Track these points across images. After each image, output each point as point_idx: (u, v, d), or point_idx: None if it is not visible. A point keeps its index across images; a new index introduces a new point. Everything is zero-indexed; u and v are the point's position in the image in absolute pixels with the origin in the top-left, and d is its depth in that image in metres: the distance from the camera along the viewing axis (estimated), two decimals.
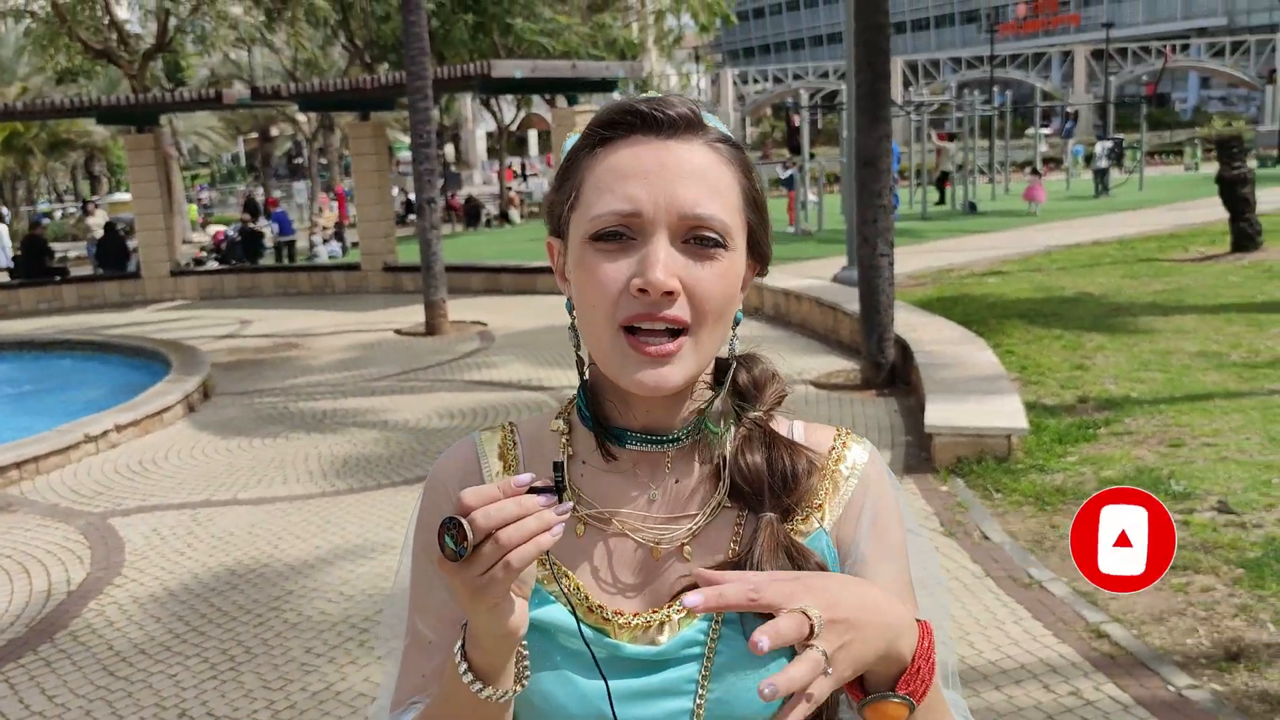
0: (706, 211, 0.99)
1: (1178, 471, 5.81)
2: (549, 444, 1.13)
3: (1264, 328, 9.27)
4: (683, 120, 1.02)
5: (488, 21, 24.95)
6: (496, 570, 0.87)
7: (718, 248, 1.00)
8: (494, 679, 0.96)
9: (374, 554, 5.57)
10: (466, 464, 1.15)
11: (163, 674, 4.36)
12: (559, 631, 1.04)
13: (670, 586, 1.06)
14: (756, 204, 1.06)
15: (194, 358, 10.66)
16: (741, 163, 1.05)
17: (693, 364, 1.01)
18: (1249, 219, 13.66)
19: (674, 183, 0.99)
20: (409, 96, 12.60)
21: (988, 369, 7.58)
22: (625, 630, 1.05)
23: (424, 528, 1.15)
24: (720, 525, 1.08)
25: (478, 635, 0.94)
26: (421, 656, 1.11)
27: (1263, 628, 4.08)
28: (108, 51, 24.18)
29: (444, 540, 0.87)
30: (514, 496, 0.88)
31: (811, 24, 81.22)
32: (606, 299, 0.99)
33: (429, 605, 1.11)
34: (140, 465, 7.54)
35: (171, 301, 17.52)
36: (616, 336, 1.00)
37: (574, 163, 1.06)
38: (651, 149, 1.00)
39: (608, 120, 1.03)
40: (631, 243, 0.99)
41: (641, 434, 1.08)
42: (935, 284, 13.24)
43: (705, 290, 0.99)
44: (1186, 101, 59.30)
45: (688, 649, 1.04)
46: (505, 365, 10.38)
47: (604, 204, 1.00)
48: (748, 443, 1.09)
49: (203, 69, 39.77)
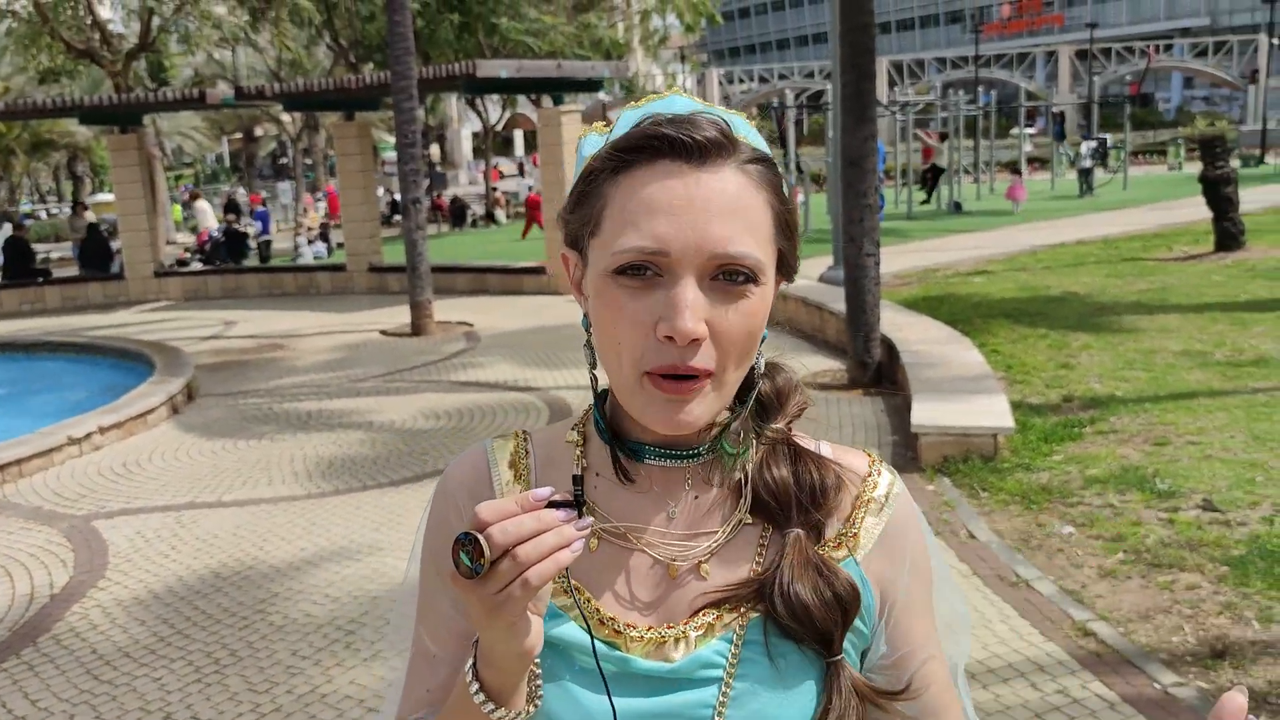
0: (739, 250, 0.94)
1: (1163, 470, 5.83)
2: (563, 455, 1.09)
3: (1247, 326, 9.31)
4: (712, 145, 0.95)
5: (473, 21, 24.90)
6: (514, 588, 0.83)
7: (748, 283, 0.95)
8: (506, 699, 0.93)
9: (360, 556, 5.55)
10: (477, 472, 1.10)
11: (147, 677, 4.33)
12: (569, 648, 1.00)
13: (687, 605, 1.02)
14: (788, 226, 1.01)
15: (178, 359, 10.60)
16: (773, 183, 0.99)
17: (715, 401, 0.97)
18: (1232, 218, 13.73)
19: (704, 220, 0.93)
20: (394, 96, 12.57)
21: (974, 368, 7.60)
22: (638, 644, 1.01)
23: (431, 535, 1.11)
24: (741, 543, 1.04)
25: (491, 654, 0.90)
26: (426, 670, 1.09)
27: (1247, 625, 4.10)
28: (90, 51, 24.05)
29: (459, 557, 0.84)
30: (532, 511, 0.84)
31: (797, 24, 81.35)
32: (630, 342, 0.95)
33: (434, 617, 1.09)
34: (124, 467, 7.50)
35: (155, 303, 17.43)
36: (640, 380, 0.96)
37: (594, 185, 0.99)
38: (680, 181, 0.94)
39: (631, 146, 0.96)
40: (658, 279, 0.94)
41: (660, 449, 1.04)
42: (921, 283, 13.26)
43: (733, 334, 0.95)
44: (1170, 101, 59.61)
45: (704, 670, 1.00)
46: (491, 366, 10.35)
47: (628, 239, 0.94)
48: (772, 456, 1.06)
49: (186, 69, 39.60)
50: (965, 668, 1.19)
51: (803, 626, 0.99)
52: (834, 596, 1.00)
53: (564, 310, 13.64)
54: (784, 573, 1.00)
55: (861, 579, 1.04)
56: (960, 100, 26.92)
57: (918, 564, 1.08)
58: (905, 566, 1.07)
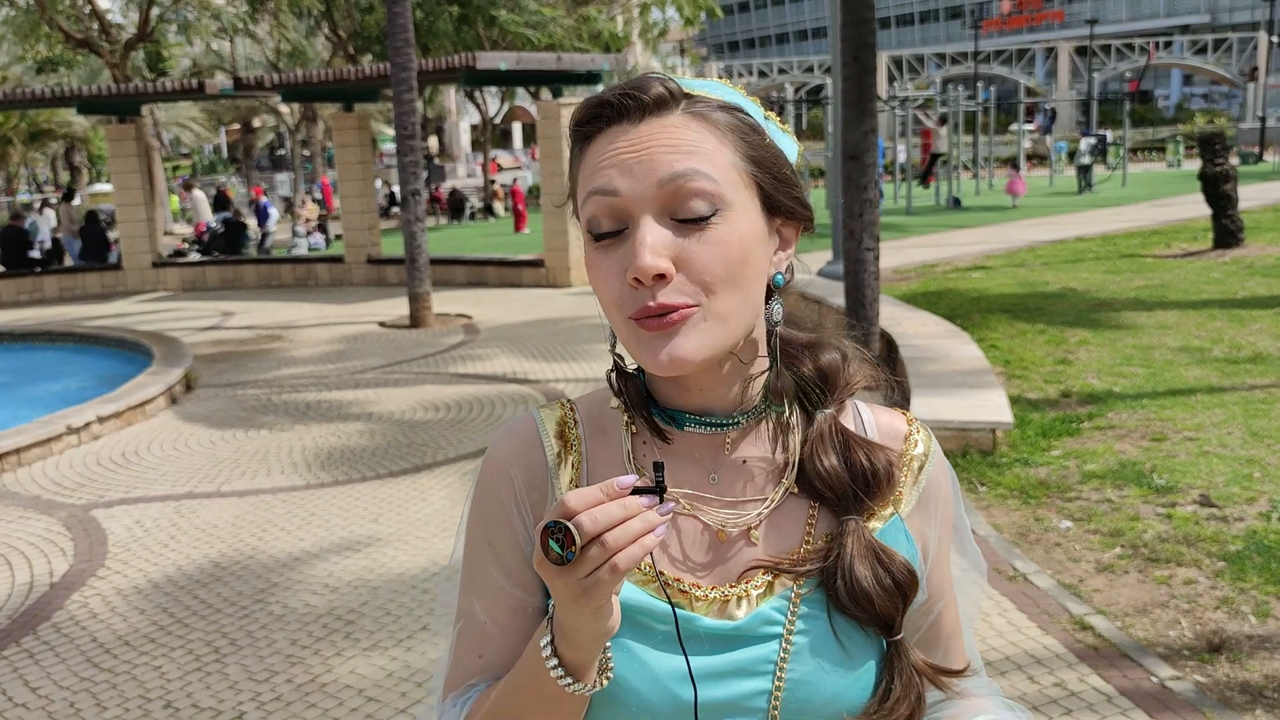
0: (685, 167, 0.95)
1: (1160, 465, 5.84)
2: (610, 422, 1.11)
3: (1245, 323, 9.33)
4: (656, 100, 0.97)
5: (472, 13, 24.84)
6: (602, 572, 0.85)
7: (710, 217, 0.95)
8: (583, 674, 0.95)
9: (359, 547, 5.56)
10: (526, 442, 1.11)
11: (147, 665, 4.34)
12: (631, 609, 1.01)
13: (739, 568, 1.05)
14: (763, 161, 1.01)
15: (176, 349, 10.60)
16: (736, 126, 1.00)
17: (709, 335, 0.97)
18: (1231, 215, 13.74)
19: (648, 155, 0.96)
20: (393, 88, 12.55)
21: (972, 363, 7.61)
22: (702, 604, 1.03)
23: (480, 507, 1.11)
24: (789, 512, 1.07)
25: (575, 634, 0.92)
26: (477, 638, 1.10)
27: (1244, 620, 4.12)
28: (89, 41, 23.99)
29: (548, 544, 0.86)
30: (618, 499, 0.86)
31: (797, 18, 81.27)
32: (611, 295, 0.98)
33: (485, 588, 1.09)
34: (123, 457, 7.50)
35: (153, 293, 17.42)
36: (628, 326, 0.98)
37: (570, 167, 1.04)
38: (624, 136, 0.97)
39: (584, 118, 1.01)
40: (625, 233, 0.97)
41: (698, 415, 1.06)
42: (920, 278, 13.27)
43: (704, 263, 0.95)
44: (1169, 98, 59.61)
45: (766, 626, 1.03)
46: (490, 358, 10.36)
47: (590, 204, 0.98)
48: (820, 443, 1.07)
49: (185, 59, 39.49)
50: None
51: (864, 612, 1.02)
52: (894, 583, 1.03)
53: (562, 303, 13.64)
54: (844, 561, 1.02)
55: (906, 534, 1.08)
56: (959, 96, 26.90)
57: (946, 517, 1.14)
58: (937, 520, 1.13)
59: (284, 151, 54.83)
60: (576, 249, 15.33)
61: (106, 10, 27.11)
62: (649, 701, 1.01)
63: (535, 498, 1.08)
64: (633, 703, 1.01)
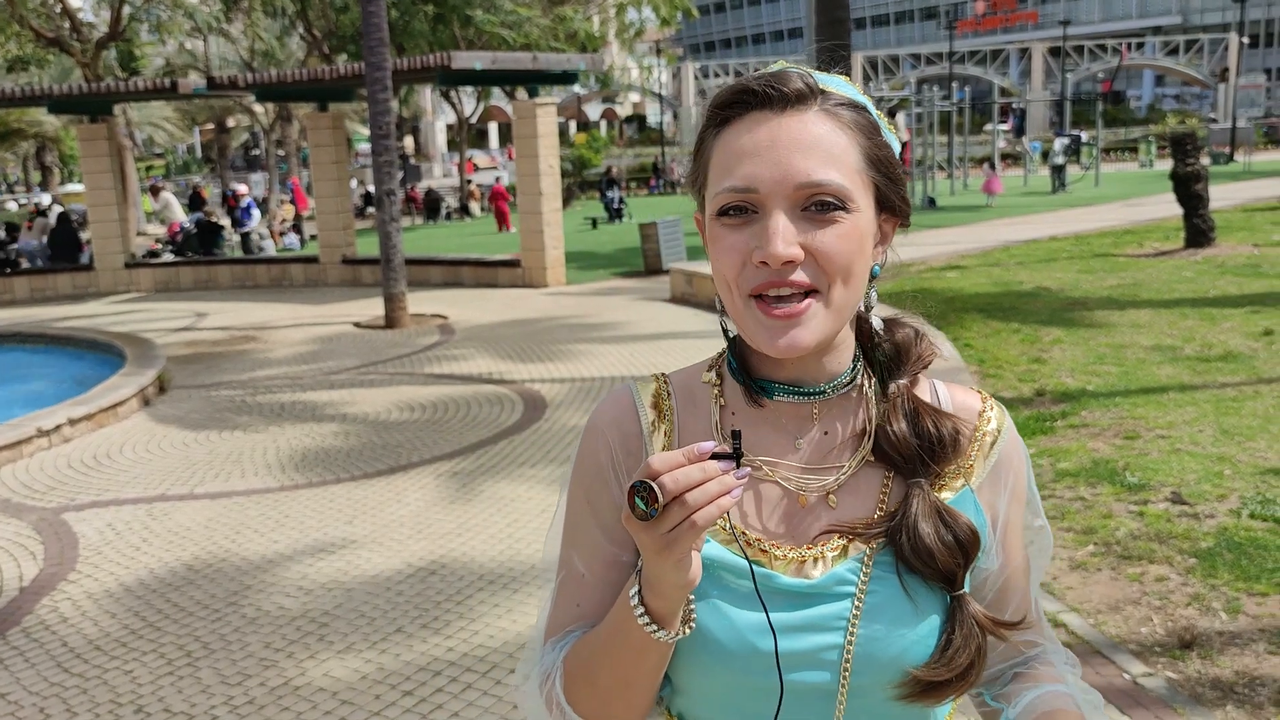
0: (821, 178, 1.04)
1: (1133, 463, 5.89)
2: (700, 394, 1.19)
3: (1216, 322, 9.42)
4: (795, 94, 1.06)
5: (448, 13, 24.79)
6: (683, 529, 0.93)
7: (837, 210, 1.04)
8: (667, 623, 1.03)
9: (333, 548, 5.52)
10: (624, 411, 1.19)
11: (118, 670, 4.30)
12: (716, 567, 1.09)
13: (815, 530, 1.12)
14: (880, 162, 1.09)
15: (149, 351, 10.51)
16: (861, 125, 1.09)
17: (825, 323, 1.06)
18: (1202, 215, 13.87)
19: (788, 156, 1.04)
20: (368, 87, 12.49)
21: (946, 362, 7.65)
22: (781, 563, 1.11)
23: (581, 468, 1.20)
24: (865, 479, 1.15)
25: (660, 585, 1.00)
26: (576, 589, 1.18)
27: (1215, 616, 4.15)
28: (59, 40, 23.78)
29: (634, 502, 0.94)
30: (698, 463, 0.94)
31: (773, 18, 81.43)
32: (733, 270, 1.06)
33: (584, 542, 1.18)
34: (94, 459, 7.43)
35: (126, 294, 17.28)
36: (748, 304, 1.06)
37: (702, 143, 1.12)
38: (766, 126, 1.05)
39: (726, 101, 1.09)
40: (754, 216, 1.05)
41: (788, 386, 1.14)
42: (895, 278, 13.32)
43: (828, 251, 1.04)
44: (1141, 99, 60.12)
45: (840, 586, 1.10)
46: (466, 358, 10.32)
47: (724, 182, 1.06)
48: (894, 411, 1.15)
49: (157, 58, 39.18)
50: None
51: (927, 567, 1.10)
52: (955, 541, 1.10)
53: (539, 303, 13.62)
54: (909, 519, 1.10)
55: (975, 505, 1.16)
56: (934, 96, 27.03)
57: (1017, 490, 1.21)
58: (1008, 492, 1.19)
59: (259, 151, 54.47)
60: (553, 249, 15.31)
61: (78, 9, 26.88)
62: (729, 651, 1.08)
63: (630, 463, 1.17)
64: (714, 651, 1.09)
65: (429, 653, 4.29)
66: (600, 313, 12.38)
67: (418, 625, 4.56)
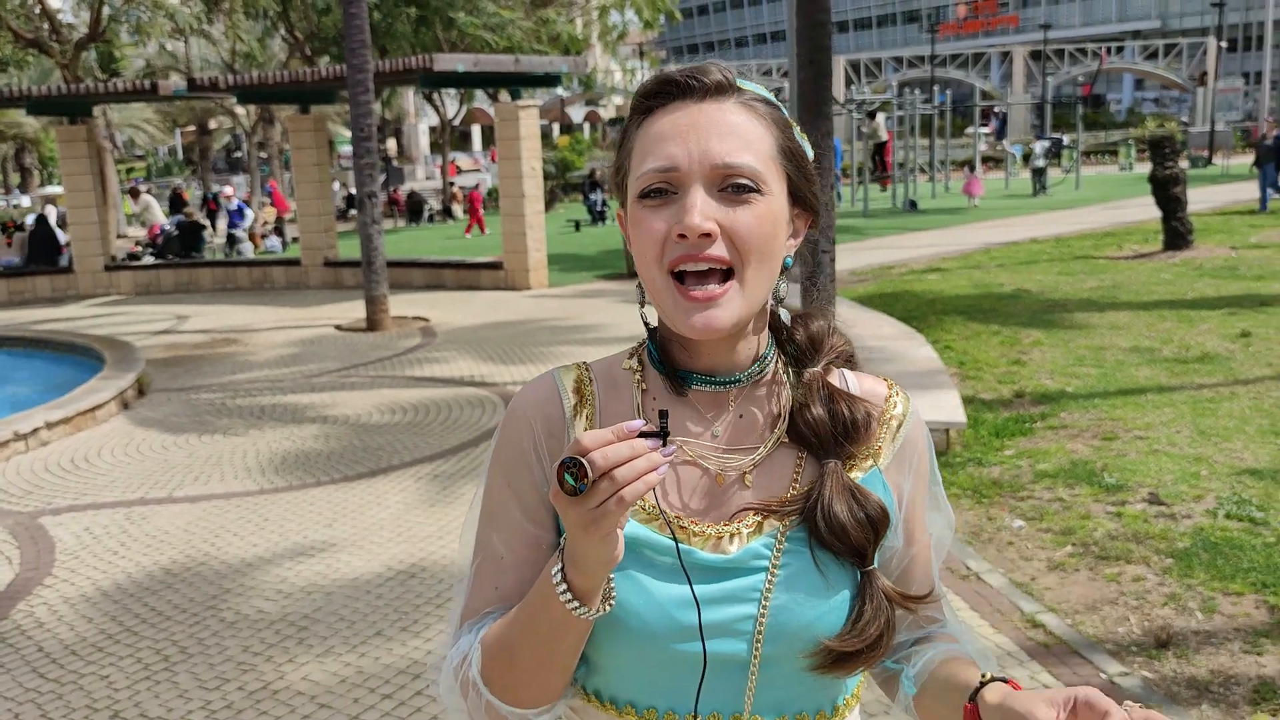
0: (737, 160, 1.10)
1: (1111, 464, 5.92)
2: (622, 380, 1.25)
3: (1194, 324, 9.48)
4: (715, 85, 1.13)
5: (430, 15, 24.72)
6: (610, 504, 0.96)
7: (752, 192, 1.10)
8: (589, 599, 1.06)
9: (313, 552, 5.50)
10: (547, 396, 1.23)
11: (94, 675, 4.27)
12: (636, 543, 1.13)
13: (732, 508, 1.18)
14: (793, 155, 1.17)
15: (129, 354, 10.45)
16: (776, 119, 1.16)
17: (740, 306, 1.11)
18: (1181, 218, 13.96)
19: (707, 138, 1.10)
20: (350, 90, 12.46)
21: (927, 364, 7.68)
22: (699, 539, 1.16)
23: (503, 452, 1.23)
24: (780, 460, 1.21)
25: (584, 561, 1.03)
26: (496, 571, 1.20)
27: (1191, 616, 4.18)
28: (39, 41, 23.61)
29: (564, 478, 0.97)
30: (627, 440, 0.97)
31: (755, 21, 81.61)
32: (654, 247, 1.11)
33: (504, 525, 1.21)
34: (72, 463, 7.38)
35: (106, 297, 17.17)
36: (667, 282, 1.11)
37: (626, 134, 1.18)
38: (687, 112, 1.12)
39: (650, 91, 1.15)
40: (673, 196, 1.10)
41: (705, 375, 1.19)
42: (876, 280, 13.36)
43: (743, 229, 1.10)
44: (1121, 102, 60.44)
45: (755, 560, 1.16)
46: (448, 361, 10.30)
47: (646, 164, 1.12)
48: (810, 396, 1.21)
49: (138, 60, 38.97)
50: None
51: (840, 543, 1.15)
52: (866, 517, 1.17)
53: (521, 306, 13.61)
54: (824, 497, 1.16)
55: (883, 485, 1.22)
56: (916, 99, 27.13)
57: (920, 471, 1.27)
58: (913, 473, 1.26)
59: (240, 154, 54.23)
60: (535, 251, 15.30)
61: (57, 10, 26.70)
62: (650, 624, 1.13)
63: (553, 445, 1.21)
64: (635, 625, 1.13)
65: (408, 656, 4.28)
66: (582, 315, 12.37)
67: (397, 628, 4.54)
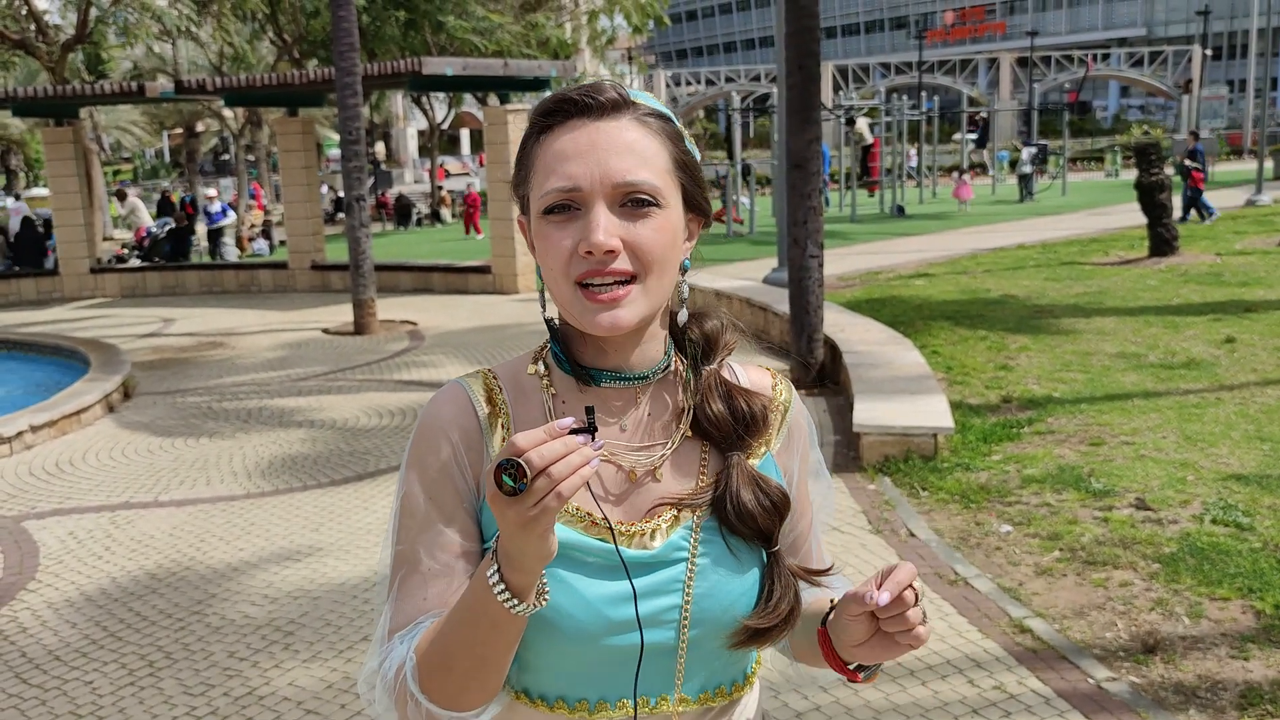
0: (636, 178, 1.16)
1: (1098, 469, 5.94)
2: (529, 385, 1.29)
3: (1180, 329, 9.52)
4: (610, 103, 1.19)
5: (419, 19, 24.70)
6: (549, 500, 1.00)
7: (651, 206, 1.17)
8: (525, 596, 1.09)
9: (299, 556, 5.48)
10: (460, 408, 1.27)
11: (78, 680, 4.24)
12: (565, 546, 1.16)
13: (647, 503, 1.24)
14: (686, 166, 1.23)
15: (114, 356, 10.40)
16: (669, 132, 1.22)
17: (643, 306, 1.18)
18: (1166, 224, 14.02)
19: (606, 158, 1.16)
20: (338, 93, 12.43)
21: (915, 369, 7.68)
22: (624, 538, 1.22)
23: (419, 465, 1.25)
24: (685, 453, 1.28)
25: (521, 559, 1.06)
26: (420, 582, 1.22)
27: (1178, 621, 4.19)
28: (25, 42, 23.49)
29: (502, 479, 1.00)
30: (559, 438, 1.01)
31: (744, 27, 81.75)
32: (561, 262, 1.17)
33: (427, 537, 1.23)
34: (56, 467, 7.34)
35: (91, 299, 17.08)
36: (574, 291, 1.17)
37: (525, 149, 1.23)
38: (585, 131, 1.17)
39: (547, 109, 1.20)
40: (576, 212, 1.16)
41: (612, 373, 1.25)
42: (864, 285, 13.39)
43: (644, 243, 1.17)
44: (1107, 109, 60.78)
45: (676, 552, 1.23)
46: (436, 365, 10.28)
47: (549, 183, 1.17)
48: (709, 393, 1.28)
49: (125, 61, 38.82)
50: (905, 664, 1.38)
51: (749, 528, 1.24)
52: (771, 503, 1.25)
53: (509, 310, 13.58)
54: (732, 489, 1.24)
55: (776, 468, 1.32)
56: (903, 105, 27.21)
57: (804, 451, 1.38)
58: (797, 454, 1.37)
59: (228, 156, 54.05)
60: (524, 256, 15.27)
61: (44, 11, 26.58)
62: (582, 623, 1.18)
63: (473, 456, 1.24)
64: (567, 625, 1.18)
65: None
66: None
67: None
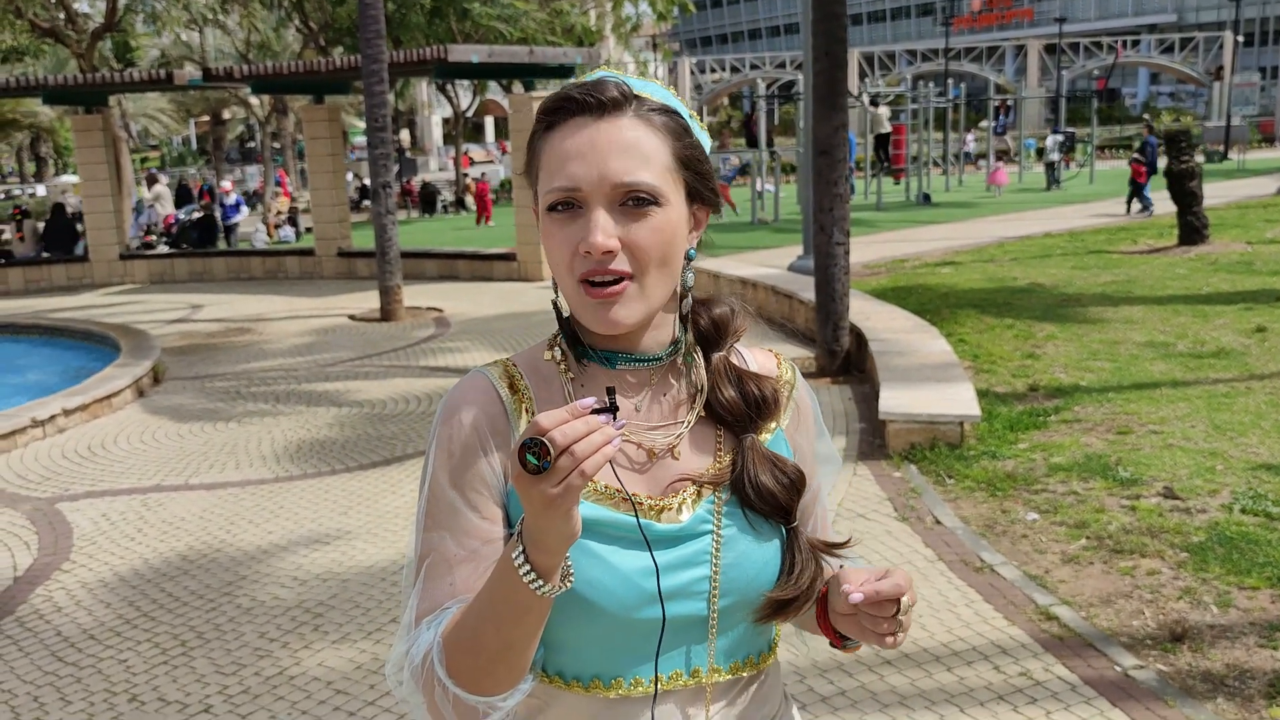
0: (635, 179, 1.18)
1: (1125, 458, 5.91)
2: (547, 372, 1.32)
3: (1209, 319, 9.44)
4: (611, 101, 1.20)
5: (444, 6, 24.72)
6: (573, 479, 1.02)
7: (651, 205, 1.19)
8: (550, 577, 1.11)
9: (328, 539, 5.53)
10: (485, 394, 1.30)
11: (113, 659, 4.31)
12: (592, 522, 1.20)
13: (667, 479, 1.28)
14: (689, 161, 1.25)
15: (144, 342, 10.51)
16: (671, 128, 1.23)
17: (640, 304, 1.22)
18: (1196, 212, 13.89)
19: (606, 158, 1.18)
20: (364, 80, 12.47)
21: (941, 357, 7.66)
22: (653, 512, 1.25)
23: (446, 451, 1.27)
24: (700, 434, 1.31)
25: (545, 539, 1.07)
26: (447, 567, 1.24)
27: (1206, 609, 4.17)
28: (55, 30, 23.69)
29: (526, 458, 1.02)
30: (582, 417, 1.03)
31: (769, 14, 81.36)
32: (564, 259, 1.21)
33: (454, 523, 1.25)
34: (89, 450, 7.43)
35: (120, 286, 17.25)
36: (577, 288, 1.21)
37: (532, 145, 1.26)
38: (587, 131, 1.19)
39: (551, 108, 1.23)
40: (578, 211, 1.19)
41: (628, 356, 1.29)
42: (890, 273, 13.34)
43: (643, 243, 1.19)
44: (1136, 97, 60.14)
45: (701, 525, 1.27)
46: (462, 351, 10.33)
47: (552, 182, 1.20)
48: (720, 378, 1.32)
49: (153, 49, 39.08)
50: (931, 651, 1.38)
51: (769, 506, 1.28)
52: (789, 481, 1.30)
53: (533, 297, 13.62)
54: (749, 469, 1.28)
55: (786, 444, 1.36)
56: (930, 93, 27.03)
57: (810, 428, 1.43)
58: (805, 430, 1.42)
59: (254, 144, 54.32)
60: None
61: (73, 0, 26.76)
62: (618, 595, 1.20)
63: (498, 440, 1.27)
64: (600, 598, 1.20)
65: None
66: None
67: None
